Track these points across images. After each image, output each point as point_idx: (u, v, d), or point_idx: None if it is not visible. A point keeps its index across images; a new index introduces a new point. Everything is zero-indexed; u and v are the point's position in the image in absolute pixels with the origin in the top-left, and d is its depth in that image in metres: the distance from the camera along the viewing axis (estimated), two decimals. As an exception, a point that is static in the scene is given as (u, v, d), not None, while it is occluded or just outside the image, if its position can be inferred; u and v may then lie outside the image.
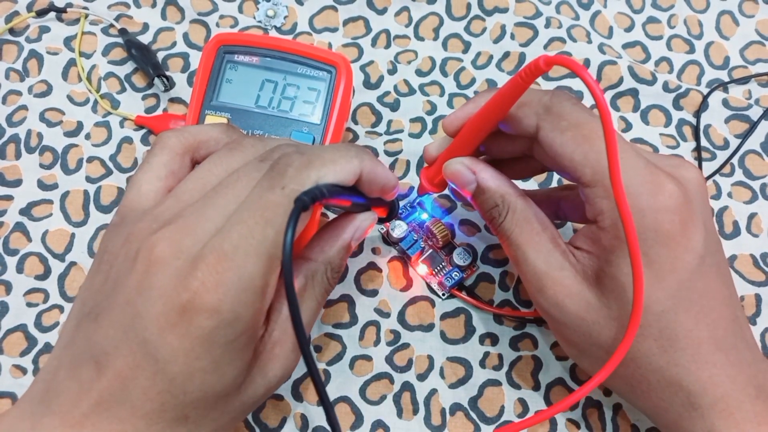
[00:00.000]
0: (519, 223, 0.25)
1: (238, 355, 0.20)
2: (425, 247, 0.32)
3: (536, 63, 0.20)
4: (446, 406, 0.30)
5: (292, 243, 0.18)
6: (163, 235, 0.20)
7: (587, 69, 0.19)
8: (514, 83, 0.22)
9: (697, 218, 0.23)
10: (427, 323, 0.32)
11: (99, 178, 0.35)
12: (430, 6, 0.39)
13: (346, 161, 0.22)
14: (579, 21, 0.38)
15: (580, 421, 0.30)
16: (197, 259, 0.19)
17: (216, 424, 0.22)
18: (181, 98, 0.36)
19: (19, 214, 0.34)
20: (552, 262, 0.24)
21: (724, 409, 0.22)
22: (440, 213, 0.34)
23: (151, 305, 0.19)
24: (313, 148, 0.22)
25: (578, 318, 0.24)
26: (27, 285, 0.33)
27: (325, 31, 0.38)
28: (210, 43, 0.31)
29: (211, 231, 0.20)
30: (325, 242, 0.25)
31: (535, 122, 0.24)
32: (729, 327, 0.23)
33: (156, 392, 0.20)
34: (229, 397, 0.21)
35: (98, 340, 0.20)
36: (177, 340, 0.19)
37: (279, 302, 0.23)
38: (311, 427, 0.30)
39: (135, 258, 0.20)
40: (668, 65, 0.38)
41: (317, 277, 0.25)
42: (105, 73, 0.37)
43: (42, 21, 0.38)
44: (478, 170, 0.26)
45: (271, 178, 0.20)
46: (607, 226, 0.23)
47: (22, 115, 0.36)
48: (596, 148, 0.22)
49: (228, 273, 0.19)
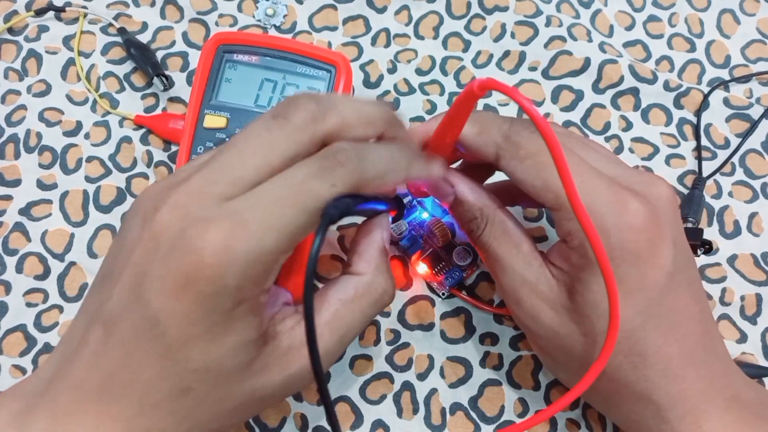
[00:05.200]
0: (497, 236, 0.25)
1: (237, 326, 0.20)
2: (425, 246, 0.32)
3: (470, 89, 0.20)
4: (446, 406, 0.30)
5: (318, 254, 0.18)
6: (172, 197, 0.20)
7: (519, 91, 0.19)
8: (457, 109, 0.22)
9: (666, 235, 0.23)
10: (427, 323, 0.32)
11: (98, 178, 0.35)
12: (430, 5, 0.39)
13: (396, 175, 0.22)
14: (579, 19, 0.38)
15: (580, 421, 0.30)
16: (207, 221, 0.19)
17: (220, 405, 0.21)
18: (180, 97, 0.36)
19: (18, 214, 0.34)
20: (528, 275, 0.25)
21: (693, 421, 0.23)
22: (440, 212, 0.34)
23: (156, 267, 0.19)
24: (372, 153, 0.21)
25: (552, 331, 0.25)
26: (26, 285, 0.33)
27: (325, 30, 0.38)
28: (209, 43, 0.31)
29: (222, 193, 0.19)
30: (367, 252, 0.25)
31: (494, 151, 0.25)
32: (699, 341, 0.24)
33: (156, 357, 0.19)
34: (236, 377, 0.21)
35: (108, 304, 0.20)
36: (176, 304, 0.19)
37: (320, 303, 0.23)
38: (311, 427, 0.30)
39: (146, 220, 0.20)
40: (669, 64, 0.38)
41: (371, 290, 0.24)
42: (104, 72, 0.37)
43: (41, 20, 0.38)
44: (456, 183, 0.26)
45: (324, 169, 0.20)
46: (576, 245, 0.24)
47: (21, 114, 0.36)
48: (556, 174, 0.22)
49: (241, 242, 0.18)
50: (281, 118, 0.21)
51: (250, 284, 0.19)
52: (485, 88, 0.20)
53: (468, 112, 0.22)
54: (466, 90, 0.21)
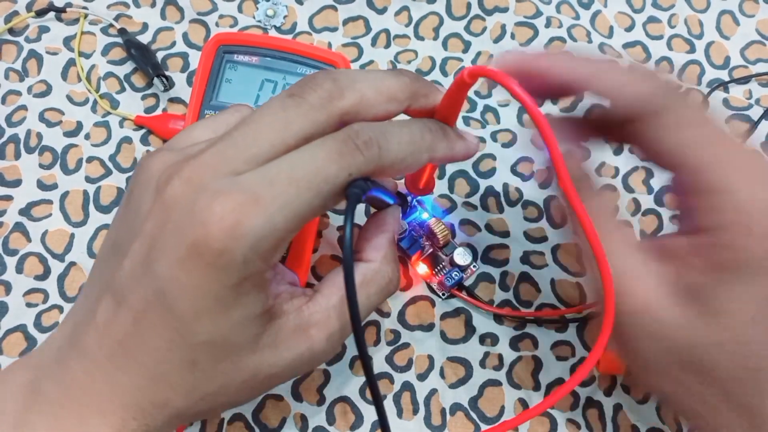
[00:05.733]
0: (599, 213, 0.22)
1: (243, 301, 0.20)
2: (425, 246, 0.32)
3: (461, 77, 0.20)
4: (446, 406, 0.30)
5: (352, 235, 0.19)
6: (185, 170, 0.20)
7: (511, 77, 0.19)
8: (449, 99, 0.22)
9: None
10: (427, 323, 0.32)
11: (98, 178, 0.35)
12: (430, 5, 0.39)
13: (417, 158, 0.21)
14: (579, 20, 0.38)
15: (580, 422, 0.30)
16: (219, 194, 0.19)
17: (227, 378, 0.21)
18: (180, 98, 0.36)
19: (18, 215, 0.34)
20: (632, 263, 0.22)
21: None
22: (440, 213, 0.34)
23: (166, 238, 0.19)
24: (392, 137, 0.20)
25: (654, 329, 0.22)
26: (26, 285, 0.33)
27: (325, 30, 0.38)
28: (209, 43, 0.31)
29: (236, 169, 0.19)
30: (377, 240, 0.25)
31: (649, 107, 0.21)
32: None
33: (164, 328, 0.19)
34: (242, 352, 0.20)
35: (119, 273, 0.20)
36: (184, 275, 0.19)
37: (327, 287, 0.23)
38: (311, 427, 0.30)
39: (159, 191, 0.20)
40: (669, 65, 0.38)
41: (378, 277, 0.24)
42: (104, 73, 0.37)
43: (41, 21, 0.38)
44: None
45: (343, 155, 0.19)
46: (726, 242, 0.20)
47: (22, 115, 0.36)
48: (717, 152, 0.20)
49: (252, 217, 0.18)
50: (297, 96, 0.20)
51: (258, 260, 0.19)
52: (476, 75, 0.20)
53: (461, 102, 0.22)
54: (457, 79, 0.20)
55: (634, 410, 0.30)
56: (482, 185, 0.34)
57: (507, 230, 0.34)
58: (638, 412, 0.30)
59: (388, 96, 0.21)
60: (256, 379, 0.21)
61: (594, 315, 0.31)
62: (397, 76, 0.22)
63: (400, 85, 0.22)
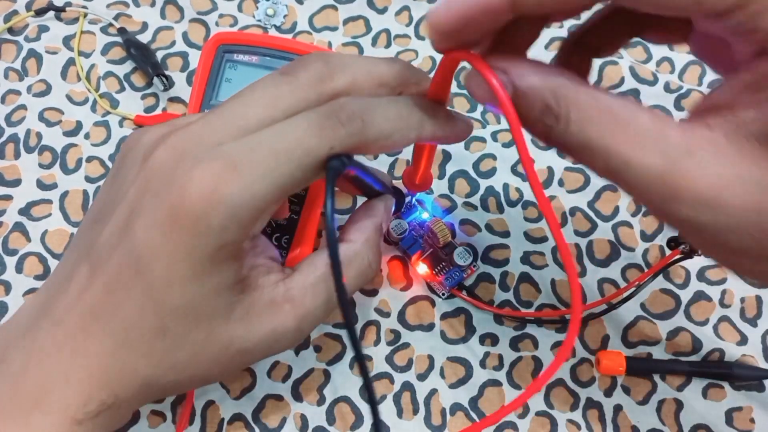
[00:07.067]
0: (593, 120, 0.17)
1: (217, 269, 0.20)
2: (425, 246, 0.32)
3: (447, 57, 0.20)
4: (446, 406, 0.30)
5: (333, 210, 0.19)
6: (171, 139, 0.20)
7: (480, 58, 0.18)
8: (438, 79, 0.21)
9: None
10: (427, 323, 0.32)
11: (98, 178, 0.35)
12: (430, 5, 0.39)
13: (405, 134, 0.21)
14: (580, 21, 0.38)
15: (580, 422, 0.30)
16: (199, 160, 0.19)
17: (197, 347, 0.20)
18: (180, 98, 0.36)
19: (18, 214, 0.34)
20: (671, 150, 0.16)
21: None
22: (440, 212, 0.34)
23: (145, 203, 0.19)
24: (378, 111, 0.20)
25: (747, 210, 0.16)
26: (26, 285, 0.32)
27: (325, 30, 0.38)
28: (209, 42, 0.31)
29: (221, 140, 0.19)
30: (362, 223, 0.25)
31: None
32: None
33: (137, 294, 0.19)
34: (214, 321, 0.20)
35: (98, 241, 0.20)
36: (161, 240, 0.19)
37: (306, 266, 0.23)
38: (311, 427, 0.30)
39: (139, 161, 0.20)
40: (669, 65, 0.38)
41: (357, 259, 0.24)
42: (104, 72, 0.37)
43: (41, 20, 0.38)
44: (511, 68, 0.18)
45: (324, 129, 0.19)
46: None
47: (21, 114, 0.36)
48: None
49: (230, 185, 0.18)
50: (289, 75, 0.21)
51: (235, 228, 0.19)
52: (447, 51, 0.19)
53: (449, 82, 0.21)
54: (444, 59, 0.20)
55: (634, 411, 0.30)
56: (482, 185, 0.34)
57: (507, 230, 0.34)
58: (638, 413, 0.30)
59: (380, 81, 0.21)
60: (227, 353, 0.21)
61: (594, 315, 0.31)
62: (389, 63, 0.22)
63: (392, 71, 0.22)
